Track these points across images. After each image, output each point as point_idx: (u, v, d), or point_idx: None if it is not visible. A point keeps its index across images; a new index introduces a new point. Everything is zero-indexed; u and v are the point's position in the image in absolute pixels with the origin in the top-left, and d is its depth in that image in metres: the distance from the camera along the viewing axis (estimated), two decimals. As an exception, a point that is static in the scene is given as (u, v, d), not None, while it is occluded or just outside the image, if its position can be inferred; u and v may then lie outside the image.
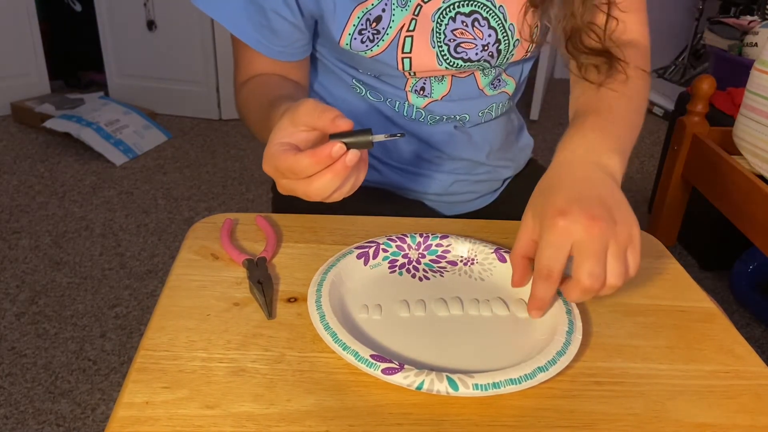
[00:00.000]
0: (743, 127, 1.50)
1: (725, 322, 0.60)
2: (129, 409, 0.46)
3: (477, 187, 0.92)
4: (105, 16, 2.97)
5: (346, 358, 0.49)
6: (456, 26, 0.73)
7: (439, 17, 0.73)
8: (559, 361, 0.50)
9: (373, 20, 0.72)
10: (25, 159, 2.59)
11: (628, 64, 0.71)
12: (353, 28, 0.72)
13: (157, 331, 0.53)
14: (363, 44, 0.73)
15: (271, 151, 0.54)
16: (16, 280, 1.83)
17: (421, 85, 0.80)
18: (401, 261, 0.64)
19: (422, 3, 0.72)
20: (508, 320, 0.57)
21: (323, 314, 0.53)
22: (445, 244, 0.66)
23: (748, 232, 1.42)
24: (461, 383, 0.47)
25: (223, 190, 2.43)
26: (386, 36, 0.73)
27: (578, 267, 0.52)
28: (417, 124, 0.83)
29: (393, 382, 0.47)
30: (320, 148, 0.52)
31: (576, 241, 0.52)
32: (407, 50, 0.74)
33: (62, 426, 1.36)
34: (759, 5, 3.07)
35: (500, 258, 0.64)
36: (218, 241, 0.66)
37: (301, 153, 0.53)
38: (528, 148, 0.99)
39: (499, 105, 0.86)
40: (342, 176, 0.53)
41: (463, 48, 0.75)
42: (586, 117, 0.66)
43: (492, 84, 0.83)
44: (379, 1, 0.71)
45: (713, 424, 0.48)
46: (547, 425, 0.47)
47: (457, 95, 0.81)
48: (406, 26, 0.73)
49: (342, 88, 0.83)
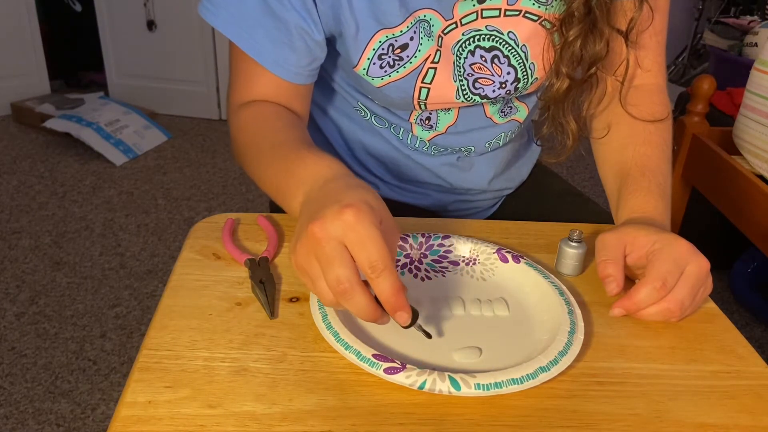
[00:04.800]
0: (743, 127, 1.50)
1: (726, 322, 0.60)
2: (131, 408, 0.46)
3: (477, 205, 0.91)
4: (105, 16, 2.97)
5: (349, 358, 0.49)
6: (474, 60, 0.71)
7: (459, 50, 0.70)
8: (561, 360, 0.50)
9: (398, 47, 0.68)
10: (25, 159, 2.59)
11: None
12: (373, 52, 0.68)
13: (160, 331, 0.53)
14: (381, 69, 0.69)
15: (367, 213, 0.46)
16: (16, 280, 1.83)
17: (426, 115, 0.77)
18: (403, 261, 0.64)
19: (443, 35, 0.69)
20: (509, 320, 0.57)
21: (325, 314, 0.53)
22: (447, 244, 0.66)
23: (748, 232, 1.42)
24: (463, 383, 0.47)
25: (223, 190, 2.43)
26: (409, 64, 0.69)
27: (675, 293, 0.57)
28: (419, 153, 0.81)
29: (395, 381, 0.47)
30: (402, 298, 0.47)
31: (689, 271, 0.58)
32: (428, 81, 0.71)
33: (62, 426, 1.36)
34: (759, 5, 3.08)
35: (502, 258, 0.64)
36: (220, 241, 0.66)
37: (394, 269, 0.46)
38: (534, 156, 0.96)
39: (508, 133, 0.82)
40: (367, 318, 0.48)
41: (480, 84, 0.72)
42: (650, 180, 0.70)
43: (502, 111, 0.79)
44: (408, 29, 0.67)
45: (715, 424, 0.48)
46: (548, 425, 0.47)
47: (464, 126, 0.79)
48: (431, 57, 0.70)
49: (347, 108, 0.80)
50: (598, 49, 0.69)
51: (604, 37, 0.68)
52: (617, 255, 0.60)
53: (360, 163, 0.85)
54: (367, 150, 0.83)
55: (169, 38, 2.93)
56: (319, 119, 0.84)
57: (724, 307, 1.83)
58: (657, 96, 0.77)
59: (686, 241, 0.59)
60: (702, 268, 0.58)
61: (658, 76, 0.78)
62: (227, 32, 0.67)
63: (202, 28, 2.84)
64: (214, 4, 0.67)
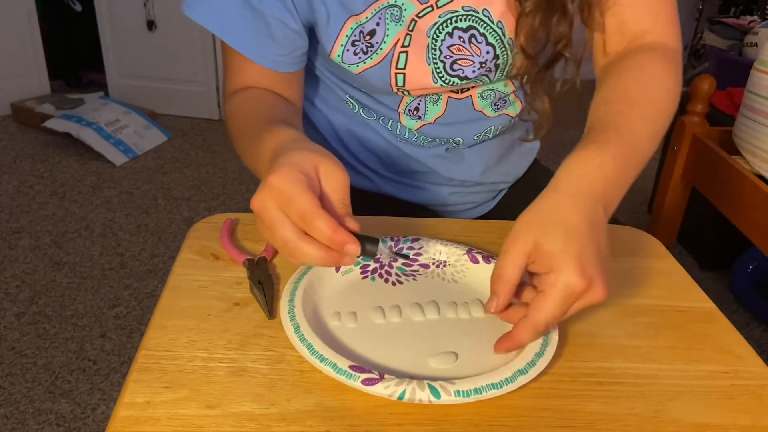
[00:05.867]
0: (743, 127, 1.50)
1: (725, 322, 0.60)
2: (130, 408, 0.46)
3: (474, 198, 0.91)
4: (105, 16, 2.97)
5: (325, 371, 0.48)
6: (453, 42, 0.70)
7: (435, 33, 0.70)
8: (539, 362, 0.50)
9: (367, 33, 0.69)
10: (25, 159, 2.59)
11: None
12: (346, 39, 0.69)
13: (158, 331, 0.53)
14: (356, 56, 0.70)
15: (287, 173, 0.48)
16: (16, 280, 1.83)
17: (415, 105, 0.77)
18: (373, 266, 0.63)
19: (417, 18, 0.69)
20: (486, 322, 0.57)
21: (297, 325, 0.52)
22: (417, 246, 0.65)
23: (748, 232, 1.42)
24: (443, 390, 0.46)
25: (223, 190, 2.43)
26: (380, 50, 0.70)
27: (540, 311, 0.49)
28: (409, 145, 0.82)
29: (373, 393, 0.46)
30: (342, 232, 0.47)
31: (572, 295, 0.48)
32: (401, 66, 0.71)
33: (62, 426, 1.36)
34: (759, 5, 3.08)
35: (472, 259, 0.63)
36: (219, 241, 0.66)
37: (323, 211, 0.47)
38: (532, 153, 0.95)
39: (498, 127, 0.82)
40: (325, 263, 0.49)
41: (459, 65, 0.72)
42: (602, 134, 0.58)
43: (495, 105, 0.79)
44: (373, 15, 0.68)
45: (713, 424, 0.48)
46: (547, 425, 0.47)
47: (453, 117, 0.78)
48: (400, 41, 0.70)
49: (336, 101, 0.81)
50: (562, 29, 0.67)
51: (567, 15, 0.66)
52: (514, 273, 0.51)
53: (354, 156, 0.85)
54: (360, 143, 0.83)
55: (169, 38, 2.93)
56: (312, 114, 0.85)
57: (724, 307, 1.82)
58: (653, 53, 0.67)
59: (580, 274, 0.48)
60: (593, 299, 0.49)
61: (665, 36, 0.69)
62: (210, 26, 0.70)
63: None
64: (195, 0, 0.70)
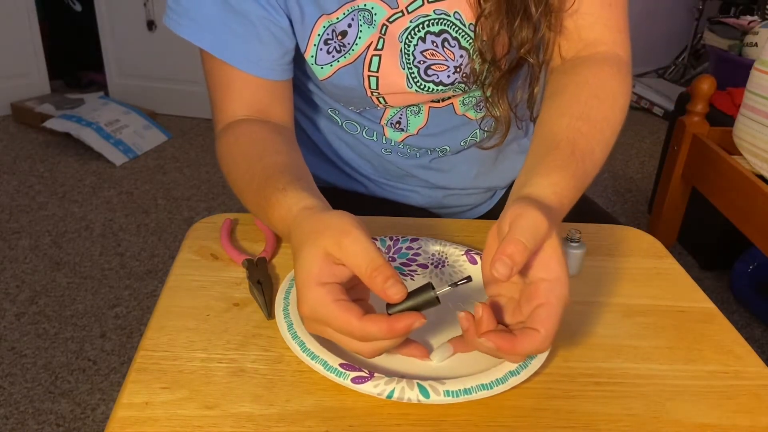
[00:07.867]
0: (743, 127, 1.50)
1: (725, 322, 0.60)
2: (128, 409, 0.46)
3: (470, 200, 0.89)
4: (105, 16, 2.97)
5: (316, 368, 0.48)
6: (426, 47, 0.69)
7: (408, 38, 0.68)
8: (531, 364, 0.50)
9: (339, 33, 0.68)
10: (25, 159, 2.59)
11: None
12: (318, 38, 0.68)
13: (157, 332, 0.53)
14: (329, 55, 0.68)
15: (315, 297, 0.46)
16: (16, 280, 1.83)
17: (397, 118, 0.76)
18: None
19: (388, 23, 0.68)
20: None
21: (291, 323, 0.52)
22: (416, 246, 0.65)
23: (748, 232, 1.42)
24: (432, 390, 0.46)
25: (223, 190, 2.43)
26: (352, 51, 0.68)
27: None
28: (394, 155, 0.81)
29: (363, 391, 0.46)
30: (397, 323, 0.45)
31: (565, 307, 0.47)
32: (374, 69, 0.69)
33: (62, 426, 1.36)
34: (759, 5, 3.08)
35: (471, 260, 0.63)
36: (218, 241, 0.66)
37: (367, 320, 0.45)
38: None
39: (485, 130, 0.80)
40: (401, 341, 0.47)
41: (434, 70, 0.70)
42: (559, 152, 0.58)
43: (477, 106, 0.77)
44: (345, 16, 0.67)
45: (713, 424, 0.48)
46: (546, 426, 0.47)
47: (436, 126, 0.77)
48: (374, 44, 0.68)
49: (323, 114, 0.80)
50: (524, 34, 0.66)
51: (531, 20, 0.65)
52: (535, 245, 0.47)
53: (346, 164, 0.84)
54: (351, 150, 0.83)
55: (169, 38, 2.89)
56: (304, 123, 0.84)
57: (724, 307, 1.83)
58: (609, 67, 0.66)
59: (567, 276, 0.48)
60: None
61: (616, 45, 0.69)
62: (194, 39, 0.66)
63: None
64: (177, 13, 0.66)
